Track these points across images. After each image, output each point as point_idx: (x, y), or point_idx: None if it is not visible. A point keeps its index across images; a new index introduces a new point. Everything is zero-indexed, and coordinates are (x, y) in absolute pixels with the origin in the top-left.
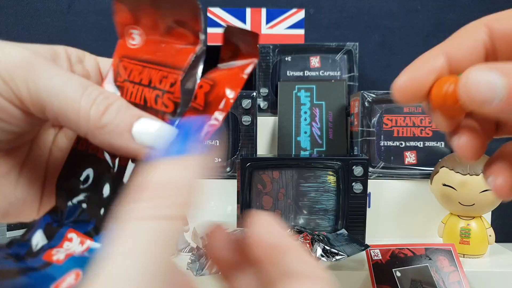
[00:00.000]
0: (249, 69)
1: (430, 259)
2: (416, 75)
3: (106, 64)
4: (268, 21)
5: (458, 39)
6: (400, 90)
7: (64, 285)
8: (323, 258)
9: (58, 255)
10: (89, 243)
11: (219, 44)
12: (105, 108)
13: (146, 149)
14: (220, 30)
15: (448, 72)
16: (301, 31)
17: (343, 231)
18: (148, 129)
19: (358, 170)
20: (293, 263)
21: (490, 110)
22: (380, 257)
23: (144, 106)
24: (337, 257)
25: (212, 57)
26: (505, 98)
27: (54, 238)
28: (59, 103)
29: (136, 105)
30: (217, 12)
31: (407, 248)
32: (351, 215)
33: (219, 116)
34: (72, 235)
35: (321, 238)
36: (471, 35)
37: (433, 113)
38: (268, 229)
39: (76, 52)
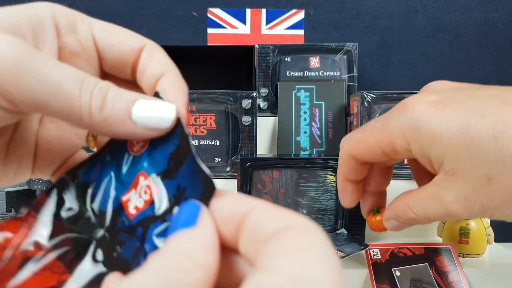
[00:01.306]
0: None
1: (429, 258)
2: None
3: (101, 29)
4: (268, 22)
5: (343, 167)
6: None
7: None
8: None
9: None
10: None
11: (219, 44)
12: (102, 100)
13: (151, 132)
14: (220, 31)
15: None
16: (301, 32)
17: (343, 230)
18: (148, 111)
19: None
20: (262, 222)
21: (399, 230)
22: (380, 257)
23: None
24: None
25: (212, 57)
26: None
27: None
28: (57, 103)
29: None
30: (217, 13)
31: (407, 248)
32: (350, 214)
33: None
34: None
35: None
36: (346, 163)
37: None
38: (221, 202)
39: (66, 17)
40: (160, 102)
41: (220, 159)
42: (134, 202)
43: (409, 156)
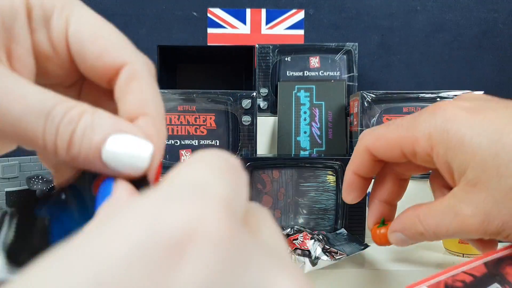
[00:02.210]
0: None
1: (496, 274)
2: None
3: (77, 30)
4: (268, 22)
5: (356, 160)
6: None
7: None
8: (323, 257)
9: None
10: None
11: (219, 44)
12: (69, 137)
13: (123, 173)
14: (220, 31)
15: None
16: (301, 32)
17: (343, 230)
18: (120, 150)
19: None
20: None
21: (404, 245)
22: None
23: None
24: (337, 257)
25: (212, 57)
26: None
27: None
28: (20, 139)
29: None
30: (217, 13)
31: (462, 272)
32: (350, 214)
33: None
34: None
35: (321, 237)
36: (360, 156)
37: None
38: None
39: (41, 7)
40: (136, 139)
41: None
42: None
43: (427, 162)
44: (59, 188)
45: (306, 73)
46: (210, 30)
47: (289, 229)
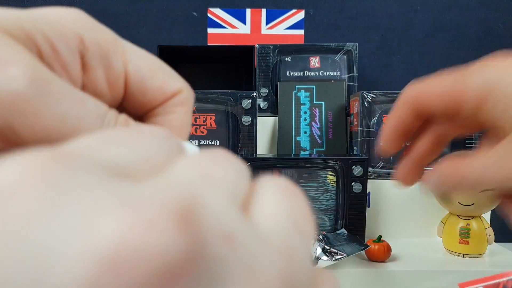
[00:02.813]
0: None
1: None
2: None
3: (137, 67)
4: (268, 22)
5: (397, 112)
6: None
7: None
8: (323, 258)
9: None
10: None
11: (219, 44)
12: None
13: None
14: (220, 31)
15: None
16: (301, 32)
17: (343, 230)
18: None
19: (357, 170)
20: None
21: (439, 189)
22: None
23: None
24: (337, 257)
25: (212, 57)
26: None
27: None
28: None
29: None
30: (217, 13)
31: None
32: (350, 214)
33: None
34: None
35: (321, 237)
36: (403, 107)
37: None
38: None
39: (99, 45)
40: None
41: None
42: None
43: (474, 115)
44: None
45: (306, 73)
46: (210, 30)
47: None
